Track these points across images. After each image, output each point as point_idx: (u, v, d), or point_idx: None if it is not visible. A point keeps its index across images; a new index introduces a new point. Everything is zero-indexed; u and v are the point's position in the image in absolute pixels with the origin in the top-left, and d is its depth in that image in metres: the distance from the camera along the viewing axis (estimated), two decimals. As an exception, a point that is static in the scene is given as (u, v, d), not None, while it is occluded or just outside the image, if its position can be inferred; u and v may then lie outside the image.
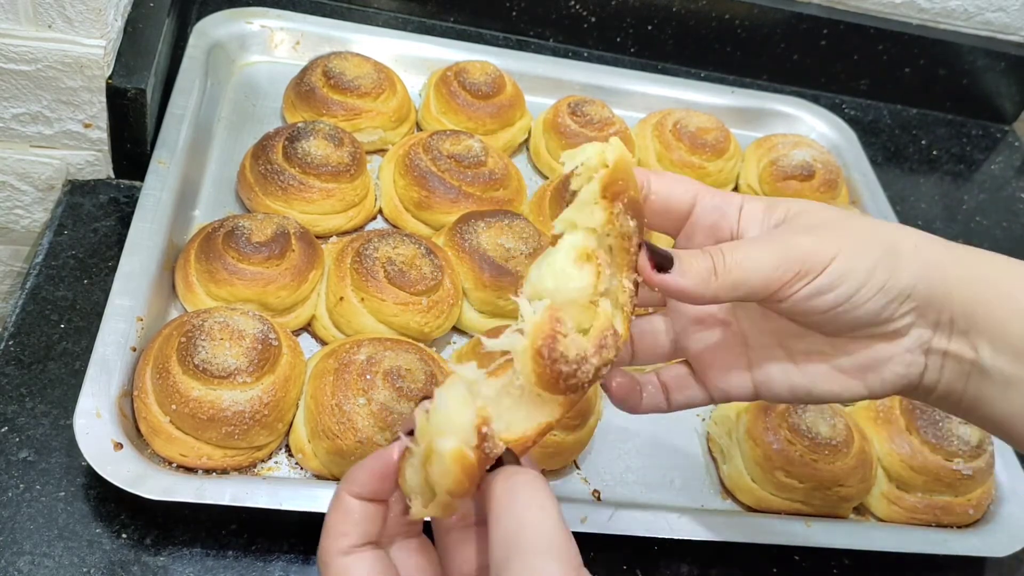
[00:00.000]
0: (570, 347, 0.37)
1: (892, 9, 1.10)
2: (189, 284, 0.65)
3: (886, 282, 0.40)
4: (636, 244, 0.40)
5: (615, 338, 0.39)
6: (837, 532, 0.65)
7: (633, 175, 0.41)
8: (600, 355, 0.38)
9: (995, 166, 1.16)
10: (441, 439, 0.35)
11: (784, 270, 0.40)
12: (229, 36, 0.86)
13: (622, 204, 0.39)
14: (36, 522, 0.55)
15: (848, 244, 0.40)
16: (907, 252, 0.41)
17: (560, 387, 0.37)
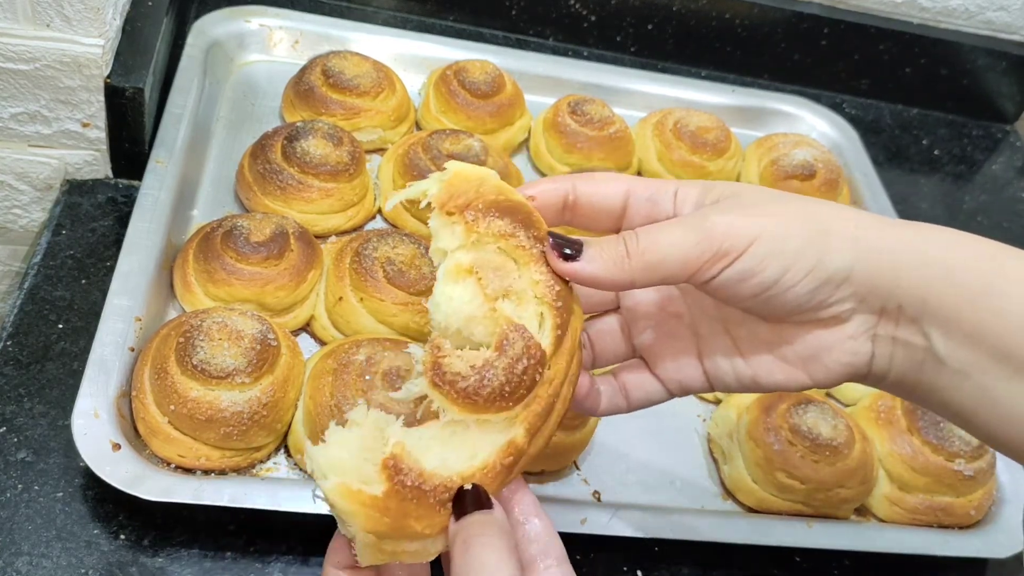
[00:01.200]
0: (456, 364, 0.37)
1: (893, 8, 1.10)
2: (187, 284, 0.65)
3: (815, 265, 0.38)
4: (529, 237, 0.39)
5: (521, 331, 0.38)
6: (838, 533, 0.65)
7: (481, 183, 0.40)
8: (507, 353, 0.37)
9: (996, 166, 1.16)
10: (321, 481, 0.35)
11: (702, 250, 0.38)
12: (228, 35, 0.86)
13: (477, 211, 0.39)
14: (34, 523, 0.55)
15: (771, 225, 0.39)
16: (842, 234, 0.39)
17: (483, 403, 0.37)
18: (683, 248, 0.39)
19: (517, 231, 0.39)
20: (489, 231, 0.39)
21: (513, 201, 0.40)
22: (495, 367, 0.37)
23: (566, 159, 0.88)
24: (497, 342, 0.38)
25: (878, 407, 0.72)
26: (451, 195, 0.39)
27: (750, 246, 0.38)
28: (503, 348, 0.38)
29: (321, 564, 0.57)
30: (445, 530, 0.37)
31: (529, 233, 0.40)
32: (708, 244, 0.38)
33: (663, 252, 0.39)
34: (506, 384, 0.37)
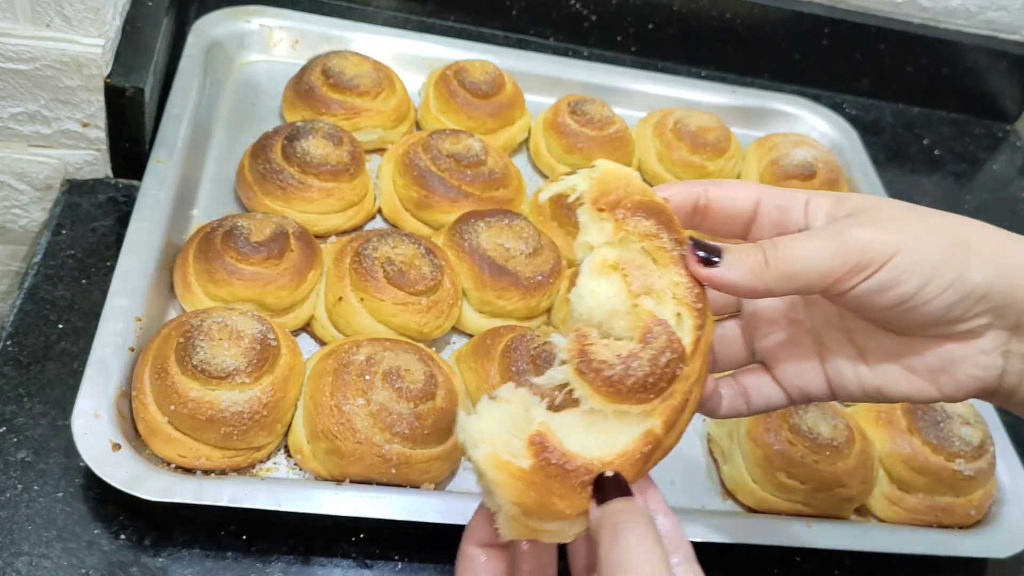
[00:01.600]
0: (603, 352, 0.38)
1: (894, 8, 1.10)
2: (187, 284, 0.65)
3: (955, 280, 0.39)
4: (671, 240, 0.41)
5: (664, 326, 0.39)
6: (838, 533, 0.65)
7: (628, 182, 0.41)
8: (651, 345, 0.38)
9: (997, 165, 1.16)
10: (473, 449, 0.36)
11: (841, 262, 0.39)
12: (228, 35, 0.86)
13: (626, 210, 0.40)
14: (34, 523, 0.55)
15: (912, 238, 0.39)
16: (981, 250, 0.39)
17: (627, 392, 0.38)
18: (822, 260, 0.39)
19: (661, 232, 0.41)
20: (636, 230, 0.40)
21: (657, 203, 0.42)
22: (640, 358, 0.38)
23: (566, 159, 0.88)
24: (641, 335, 0.39)
25: (878, 407, 0.72)
26: (602, 192, 0.41)
27: (890, 259, 0.38)
28: (647, 341, 0.38)
29: (322, 564, 0.58)
30: (585, 513, 0.37)
31: (671, 236, 0.41)
32: (847, 257, 0.39)
33: (802, 263, 0.39)
34: (649, 375, 0.38)
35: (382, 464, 0.58)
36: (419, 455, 0.59)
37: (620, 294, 0.39)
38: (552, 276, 0.73)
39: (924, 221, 0.40)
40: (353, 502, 0.56)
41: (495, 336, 0.66)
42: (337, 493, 0.57)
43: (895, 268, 0.39)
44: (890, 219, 0.40)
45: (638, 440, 0.38)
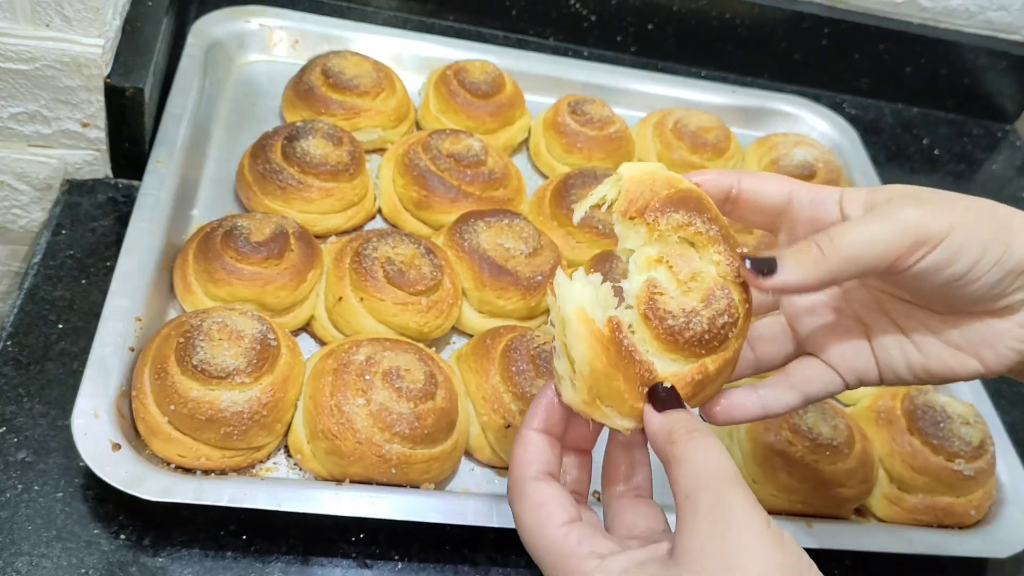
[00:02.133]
0: (670, 303, 0.42)
1: (893, 8, 1.10)
2: (187, 284, 0.65)
3: (1001, 256, 0.40)
4: (704, 221, 0.43)
5: (725, 290, 0.42)
6: (838, 533, 0.65)
7: (653, 181, 0.44)
8: (712, 306, 0.42)
9: (996, 165, 1.16)
10: (566, 304, 0.41)
11: (900, 240, 0.40)
12: (228, 35, 0.86)
13: (655, 211, 0.43)
14: (34, 523, 0.55)
15: (961, 217, 0.40)
16: (1021, 228, 0.41)
17: (683, 344, 0.41)
18: (881, 240, 0.40)
19: (693, 219, 0.43)
20: (669, 225, 0.43)
21: (683, 190, 0.44)
22: (700, 315, 0.42)
23: (566, 159, 0.88)
24: (704, 296, 0.42)
25: (878, 407, 0.72)
26: (630, 200, 0.44)
27: (946, 237, 0.40)
28: (709, 301, 0.42)
29: (322, 564, 0.58)
30: (635, 411, 0.41)
31: (704, 217, 0.43)
32: (905, 235, 0.40)
33: (862, 246, 0.40)
34: (706, 332, 0.42)
35: (382, 464, 0.58)
36: (419, 455, 0.59)
37: (671, 283, 0.42)
38: (552, 276, 0.72)
39: (966, 202, 0.42)
40: (353, 502, 0.56)
41: (495, 336, 0.66)
42: (337, 493, 0.57)
43: (951, 246, 0.40)
44: (936, 200, 0.41)
45: (693, 369, 0.42)
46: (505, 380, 0.63)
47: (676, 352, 0.42)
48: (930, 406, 0.69)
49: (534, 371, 0.62)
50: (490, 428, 0.63)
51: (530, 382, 0.62)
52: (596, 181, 0.80)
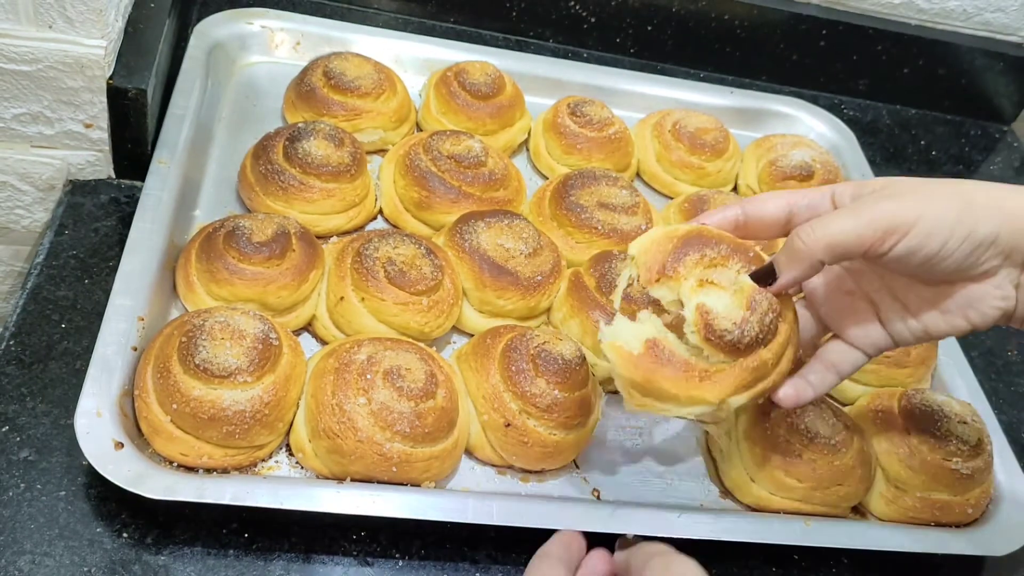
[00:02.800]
0: (723, 323, 0.52)
1: (891, 9, 1.10)
2: (190, 284, 0.65)
3: (968, 234, 0.47)
4: (713, 248, 0.53)
5: (763, 293, 0.52)
6: (836, 531, 0.65)
7: (657, 244, 0.54)
8: (756, 311, 0.52)
9: (994, 166, 1.16)
10: (603, 342, 0.54)
11: (873, 230, 0.47)
12: (230, 36, 0.86)
13: (670, 265, 0.53)
14: (37, 521, 0.55)
15: (928, 205, 0.47)
16: (987, 204, 0.47)
17: (744, 349, 0.52)
18: (854, 231, 0.48)
19: (702, 251, 0.53)
20: (686, 267, 0.53)
21: (682, 236, 0.54)
22: (750, 322, 0.52)
23: (565, 160, 0.88)
24: (747, 303, 0.52)
25: (876, 406, 0.72)
26: (645, 270, 0.54)
27: (914, 226, 0.47)
28: (752, 307, 0.52)
29: (323, 562, 0.58)
30: (693, 400, 0.53)
31: (710, 245, 0.53)
32: (876, 226, 0.47)
33: (836, 235, 0.48)
34: (759, 333, 0.52)
35: (383, 462, 0.58)
36: (420, 453, 0.59)
37: (719, 296, 0.52)
38: (552, 276, 0.73)
39: (937, 188, 0.49)
40: (354, 500, 0.57)
41: (495, 335, 0.66)
42: (338, 491, 0.57)
43: (919, 233, 0.47)
44: (909, 191, 0.48)
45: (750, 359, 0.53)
46: (505, 379, 0.63)
47: (741, 356, 0.53)
48: (927, 405, 0.70)
49: (534, 370, 0.63)
50: (490, 427, 0.63)
51: (530, 381, 0.62)
52: (595, 182, 0.81)
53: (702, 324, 0.52)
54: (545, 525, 0.59)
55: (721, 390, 0.54)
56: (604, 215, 0.78)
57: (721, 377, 0.54)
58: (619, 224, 0.78)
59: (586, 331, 0.70)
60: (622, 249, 0.77)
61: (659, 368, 0.53)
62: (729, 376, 0.54)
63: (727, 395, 0.55)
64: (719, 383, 0.54)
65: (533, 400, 0.62)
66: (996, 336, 0.91)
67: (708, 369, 0.53)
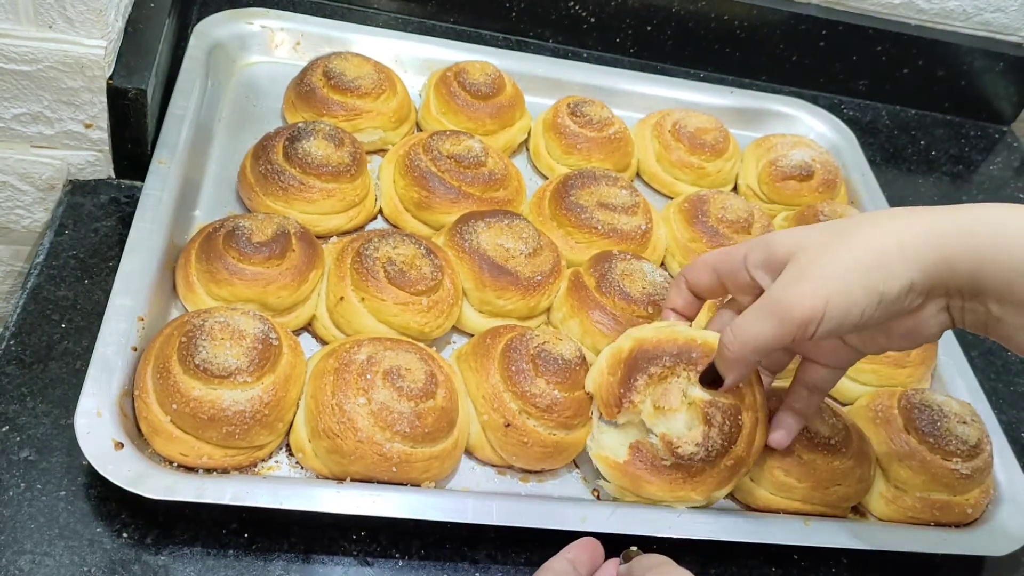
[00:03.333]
0: (687, 448, 0.59)
1: (891, 10, 1.10)
2: (190, 284, 0.65)
3: (880, 299, 0.48)
4: (656, 365, 0.60)
5: (715, 407, 0.59)
6: (835, 531, 0.65)
7: (605, 375, 0.61)
8: (714, 426, 0.59)
9: (994, 167, 1.17)
10: (591, 451, 0.63)
11: (785, 331, 0.50)
12: (230, 36, 0.86)
13: (622, 396, 0.60)
14: (37, 521, 0.55)
15: (834, 289, 0.48)
16: (894, 256, 0.48)
17: (713, 459, 0.60)
18: (773, 330, 0.50)
19: (648, 369, 0.60)
20: (640, 395, 0.60)
21: (625, 359, 0.61)
22: (711, 437, 0.59)
23: (565, 160, 0.88)
24: (703, 417, 0.59)
25: (875, 406, 0.72)
26: (606, 407, 0.61)
27: (824, 314, 0.48)
28: (709, 422, 0.59)
29: (323, 562, 0.58)
30: (682, 501, 0.61)
31: (654, 361, 0.60)
32: (790, 323, 0.49)
33: (758, 338, 0.51)
34: (724, 442, 0.59)
35: (383, 463, 0.58)
36: (419, 454, 0.59)
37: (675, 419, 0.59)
38: (551, 276, 0.73)
39: (843, 253, 0.49)
40: (354, 500, 0.57)
41: (495, 336, 0.66)
42: (338, 491, 0.57)
43: (831, 320, 0.49)
44: (813, 268, 0.49)
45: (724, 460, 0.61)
46: (505, 379, 0.63)
47: (713, 461, 0.60)
48: (927, 405, 0.70)
49: (534, 370, 0.63)
50: (490, 427, 0.63)
51: (530, 381, 0.62)
52: (595, 182, 0.81)
53: (670, 452, 0.59)
54: (545, 525, 0.59)
55: (705, 489, 0.61)
56: (604, 215, 0.78)
57: (702, 478, 0.60)
58: (619, 224, 0.78)
59: (586, 331, 0.70)
60: (622, 249, 0.77)
61: (644, 475, 0.60)
62: (709, 476, 0.60)
63: (710, 492, 0.61)
64: (701, 483, 0.60)
65: (533, 400, 0.62)
66: (996, 336, 0.92)
67: (689, 471, 0.60)
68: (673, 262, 0.83)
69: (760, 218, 0.84)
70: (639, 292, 0.71)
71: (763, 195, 0.92)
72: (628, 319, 0.70)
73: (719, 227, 0.81)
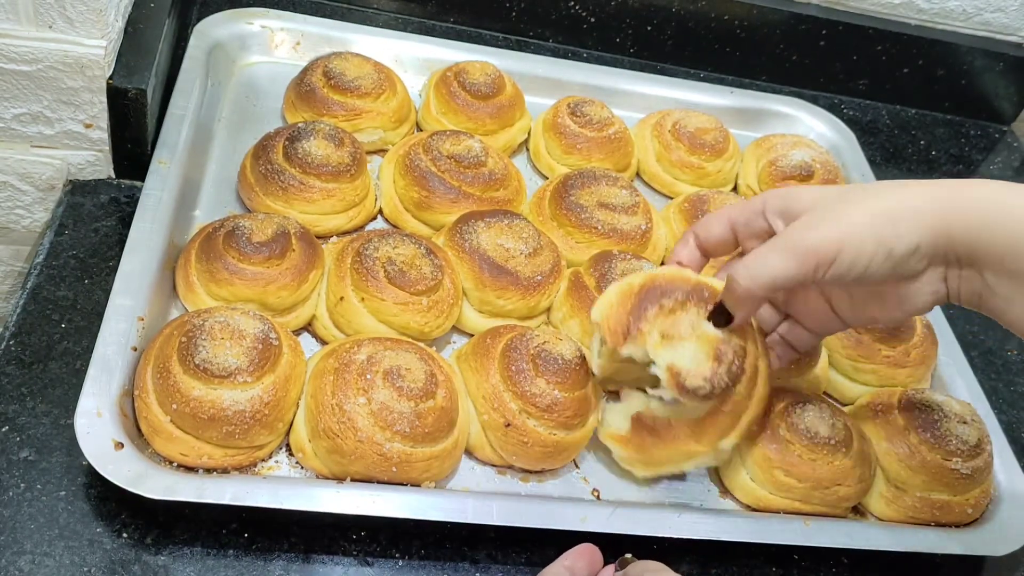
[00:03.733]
0: (694, 380, 0.56)
1: (891, 9, 1.10)
2: (190, 284, 0.65)
3: (888, 253, 0.51)
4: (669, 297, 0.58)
5: (727, 344, 0.57)
6: (836, 531, 0.65)
7: (614, 304, 0.59)
8: (723, 363, 0.57)
9: (994, 167, 1.17)
10: (599, 430, 0.65)
11: (801, 265, 0.51)
12: (230, 36, 0.86)
13: (631, 324, 0.58)
14: (37, 521, 0.55)
15: (848, 234, 0.51)
16: (906, 218, 0.50)
17: (717, 395, 0.57)
18: (785, 268, 0.52)
19: (660, 301, 0.58)
20: (647, 323, 0.58)
21: (636, 291, 0.59)
22: (719, 374, 0.57)
23: (565, 160, 0.88)
24: (713, 353, 0.57)
25: (875, 406, 0.72)
26: (612, 333, 0.59)
27: (837, 256, 0.51)
28: (719, 358, 0.57)
29: (323, 562, 0.58)
30: (693, 454, 0.61)
31: (666, 294, 0.58)
32: (803, 259, 0.51)
33: (770, 274, 0.52)
34: (729, 381, 0.57)
35: (383, 462, 0.58)
36: (419, 453, 0.59)
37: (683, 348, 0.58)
38: (552, 276, 0.73)
39: (856, 209, 0.51)
40: (354, 500, 0.57)
41: (495, 335, 0.66)
42: (338, 491, 0.57)
43: (842, 263, 0.51)
44: (831, 217, 0.52)
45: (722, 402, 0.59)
46: (505, 379, 0.63)
47: (712, 400, 0.58)
48: (927, 405, 0.70)
49: (534, 370, 0.63)
50: (490, 427, 0.63)
51: (530, 381, 0.62)
52: (595, 182, 0.81)
53: (674, 384, 0.57)
54: (545, 525, 0.59)
55: (709, 439, 0.60)
56: (604, 215, 0.78)
57: (704, 428, 0.60)
58: (619, 224, 0.78)
59: (586, 331, 0.70)
60: (622, 249, 0.77)
61: (648, 439, 0.61)
62: (711, 425, 0.60)
63: (716, 441, 0.61)
64: (705, 433, 0.60)
65: (533, 400, 0.62)
66: (996, 336, 0.92)
67: (691, 424, 0.60)
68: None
69: (760, 218, 0.84)
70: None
71: (763, 195, 0.92)
72: (628, 319, 0.70)
73: (719, 227, 0.81)
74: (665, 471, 0.62)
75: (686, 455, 0.61)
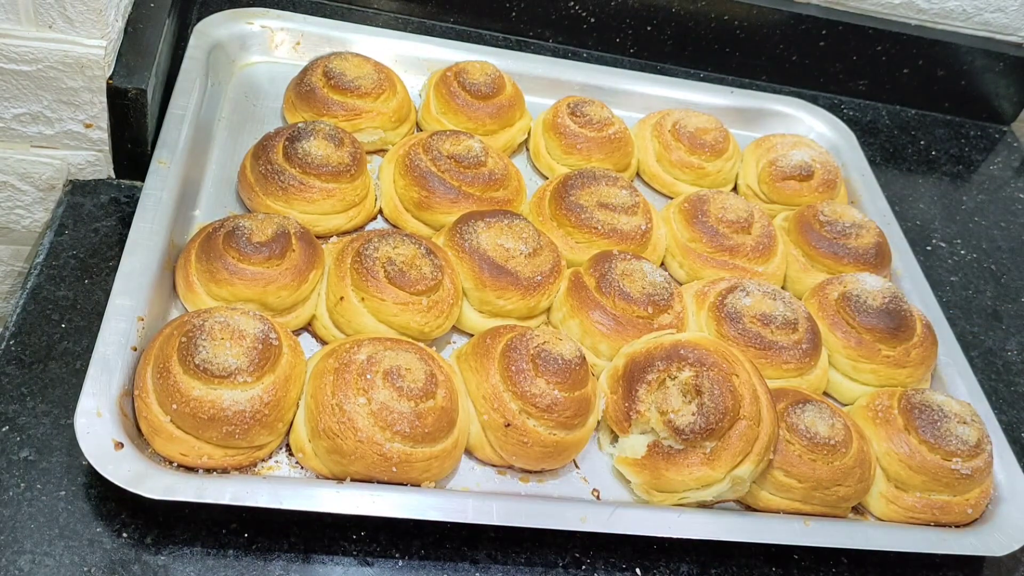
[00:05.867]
0: (682, 417, 0.62)
1: (891, 10, 1.10)
2: (190, 284, 0.65)
3: None
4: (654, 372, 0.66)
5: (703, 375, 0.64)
6: (835, 531, 0.65)
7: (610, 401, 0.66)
8: (701, 392, 0.63)
9: (993, 167, 1.17)
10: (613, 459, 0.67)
11: None
12: (230, 36, 0.87)
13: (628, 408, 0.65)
14: (37, 521, 0.55)
15: None
16: None
17: (717, 427, 0.62)
18: None
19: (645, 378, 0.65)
20: (644, 404, 0.65)
21: (623, 369, 0.66)
22: (705, 404, 0.62)
23: (565, 160, 0.88)
24: (693, 389, 0.63)
25: (875, 406, 0.72)
26: (617, 424, 0.65)
27: None
28: (698, 389, 0.62)
29: (323, 562, 0.58)
30: (701, 482, 0.62)
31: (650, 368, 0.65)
32: None
33: None
34: (722, 408, 0.62)
35: (383, 462, 0.58)
36: (419, 453, 0.59)
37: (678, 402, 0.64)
38: (551, 276, 0.73)
39: None
40: (354, 500, 0.57)
41: (495, 335, 0.66)
42: (338, 491, 0.57)
43: None
44: None
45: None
46: (505, 379, 0.63)
47: (720, 434, 0.62)
48: (927, 405, 0.70)
49: (533, 370, 0.63)
50: (490, 427, 0.63)
51: (530, 381, 0.62)
52: (595, 182, 0.81)
53: (670, 430, 0.62)
54: (545, 525, 0.59)
55: (723, 464, 0.62)
56: (604, 215, 0.78)
57: (717, 454, 0.62)
58: (619, 224, 0.78)
59: (586, 331, 0.70)
60: (622, 249, 0.77)
61: (662, 462, 0.63)
62: (723, 451, 0.62)
63: (730, 468, 0.62)
64: (719, 459, 0.62)
65: (533, 400, 0.62)
66: (996, 336, 0.92)
67: (705, 452, 0.62)
68: (673, 262, 0.83)
69: (760, 218, 0.84)
70: (639, 292, 0.71)
71: (763, 195, 0.92)
72: (628, 319, 0.70)
73: (719, 227, 0.81)
74: (682, 499, 0.63)
75: (701, 481, 0.62)
